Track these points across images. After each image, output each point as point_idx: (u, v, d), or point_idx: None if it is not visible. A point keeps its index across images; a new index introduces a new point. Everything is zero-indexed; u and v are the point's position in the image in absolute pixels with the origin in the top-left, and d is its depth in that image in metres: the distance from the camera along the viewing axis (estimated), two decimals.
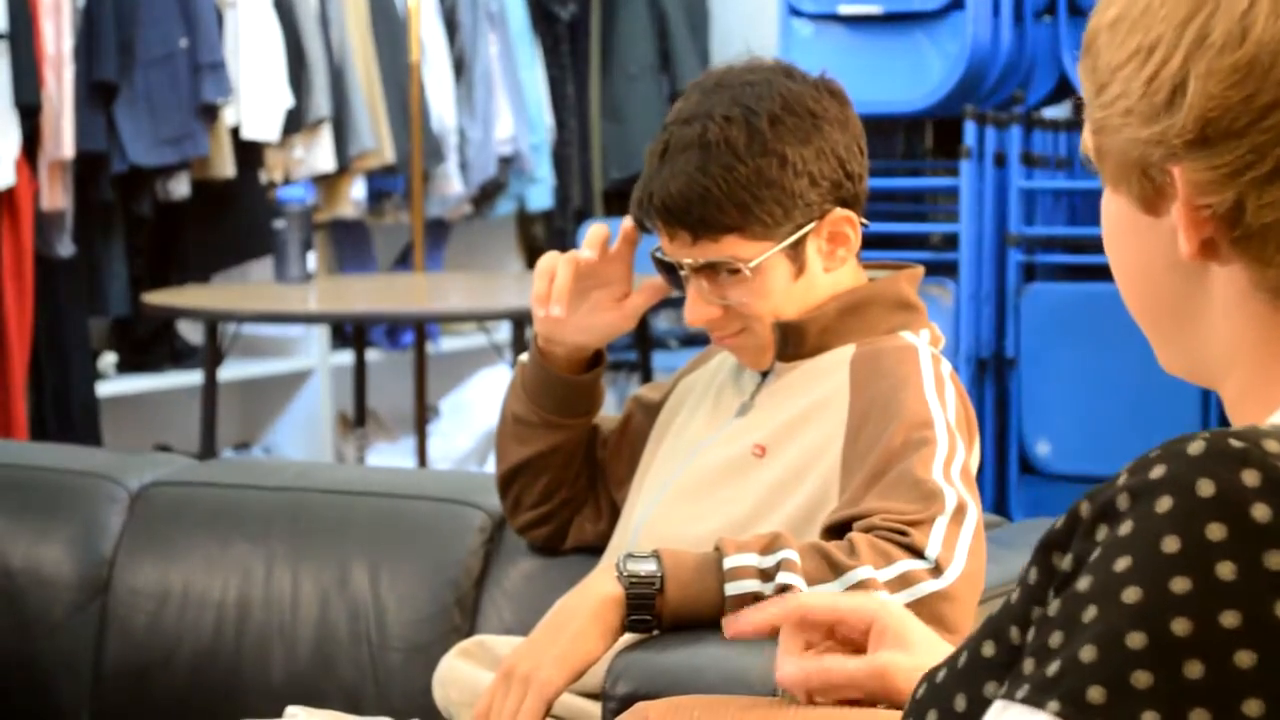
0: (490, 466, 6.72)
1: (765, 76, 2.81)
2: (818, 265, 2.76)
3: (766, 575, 2.43)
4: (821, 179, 2.71)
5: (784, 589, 2.34)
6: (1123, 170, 1.40)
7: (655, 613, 2.47)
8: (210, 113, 6.38)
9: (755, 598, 2.35)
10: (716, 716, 1.86)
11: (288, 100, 6.57)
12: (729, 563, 2.47)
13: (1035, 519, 3.09)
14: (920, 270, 2.99)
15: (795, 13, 6.31)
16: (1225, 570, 1.19)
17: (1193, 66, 1.34)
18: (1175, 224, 1.36)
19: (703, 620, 2.39)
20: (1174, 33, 1.36)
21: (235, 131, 6.49)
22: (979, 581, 2.54)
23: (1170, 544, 1.21)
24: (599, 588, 2.53)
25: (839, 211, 2.74)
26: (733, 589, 2.43)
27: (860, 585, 2.39)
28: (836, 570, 2.42)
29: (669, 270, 2.79)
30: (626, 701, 1.97)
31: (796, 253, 2.72)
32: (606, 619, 2.43)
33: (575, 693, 2.61)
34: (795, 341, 2.88)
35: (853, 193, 2.81)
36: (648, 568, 2.49)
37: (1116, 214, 1.43)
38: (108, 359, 6.54)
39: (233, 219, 6.59)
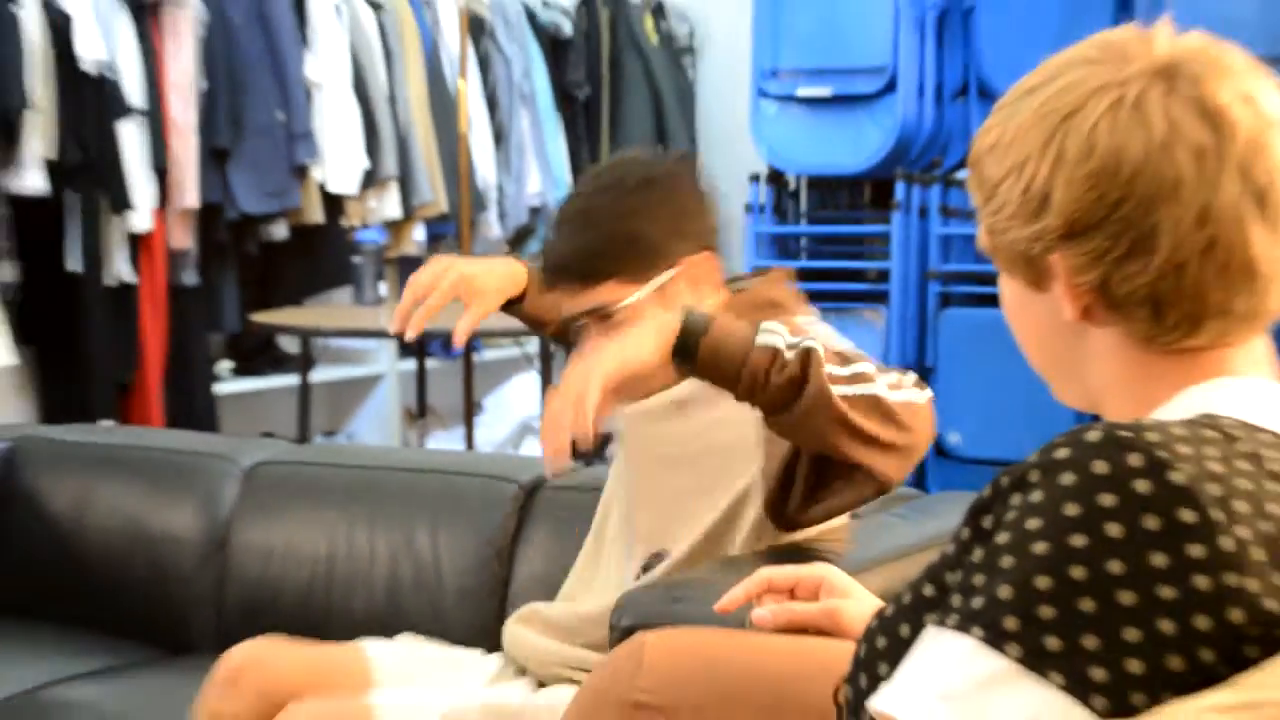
0: (524, 450, 6.74)
1: (633, 157, 2.76)
2: (685, 299, 2.60)
3: (791, 345, 2.36)
4: (678, 232, 2.62)
5: (806, 352, 2.33)
6: (1012, 260, 1.46)
7: (696, 343, 2.37)
8: (302, 172, 6.37)
9: (776, 354, 2.32)
10: (704, 642, 1.87)
11: (364, 162, 6.56)
12: (765, 325, 2.39)
13: (947, 492, 3.10)
14: (783, 271, 2.93)
15: (763, 94, 6.31)
16: (1113, 530, 1.23)
17: (1055, 178, 1.41)
18: (1058, 297, 1.41)
19: (733, 361, 2.34)
20: (1038, 152, 1.42)
21: (322, 186, 6.48)
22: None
23: (1071, 509, 1.24)
24: (664, 318, 2.43)
25: (699, 255, 2.64)
26: (762, 340, 2.35)
27: (860, 377, 2.42)
28: (845, 361, 2.42)
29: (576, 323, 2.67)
30: (628, 632, 1.96)
31: (664, 294, 2.60)
32: (663, 334, 2.33)
33: (577, 645, 2.56)
34: None
35: (708, 240, 2.69)
36: (701, 312, 2.42)
37: (1011, 293, 1.50)
38: (223, 365, 6.54)
39: (320, 255, 6.58)
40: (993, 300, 1.54)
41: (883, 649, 1.44)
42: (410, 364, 6.99)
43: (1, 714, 2.92)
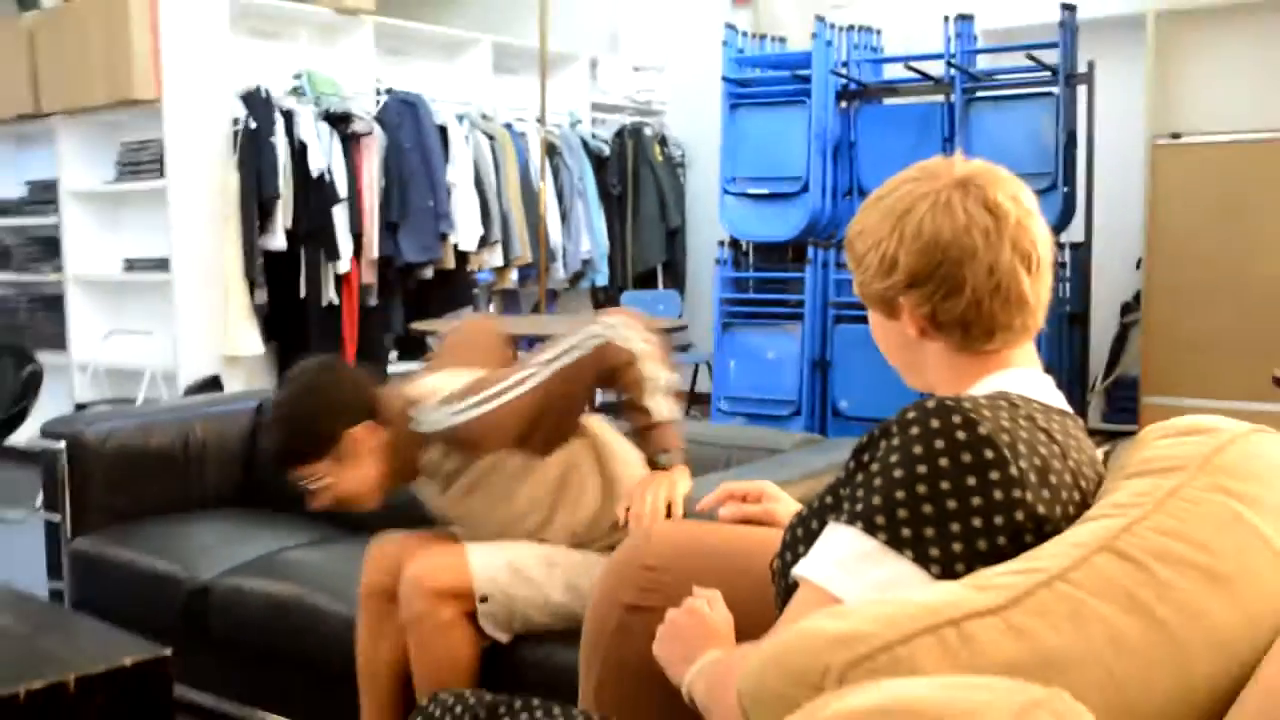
0: None
1: (302, 372, 2.45)
2: (359, 457, 2.39)
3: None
4: (338, 418, 2.36)
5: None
6: (874, 300, 1.48)
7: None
8: (443, 237, 6.37)
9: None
10: (690, 528, 1.86)
11: (480, 230, 6.57)
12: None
13: (840, 438, 3.09)
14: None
15: (727, 192, 6.30)
16: (943, 461, 1.23)
17: (899, 250, 1.44)
18: (904, 323, 1.42)
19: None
20: (888, 235, 1.45)
21: (456, 245, 6.47)
22: None
23: (917, 448, 1.24)
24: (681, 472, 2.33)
25: (358, 428, 2.35)
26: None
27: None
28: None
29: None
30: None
31: (343, 459, 2.37)
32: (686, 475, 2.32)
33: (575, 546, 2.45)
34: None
35: (362, 414, 2.38)
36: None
37: (875, 320, 1.52)
38: (393, 355, 6.53)
39: (453, 288, 6.59)
40: (865, 319, 1.54)
41: (800, 536, 1.44)
42: None
43: (259, 566, 2.91)
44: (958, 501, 1.24)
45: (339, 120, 5.97)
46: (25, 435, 5.74)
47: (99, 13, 5.65)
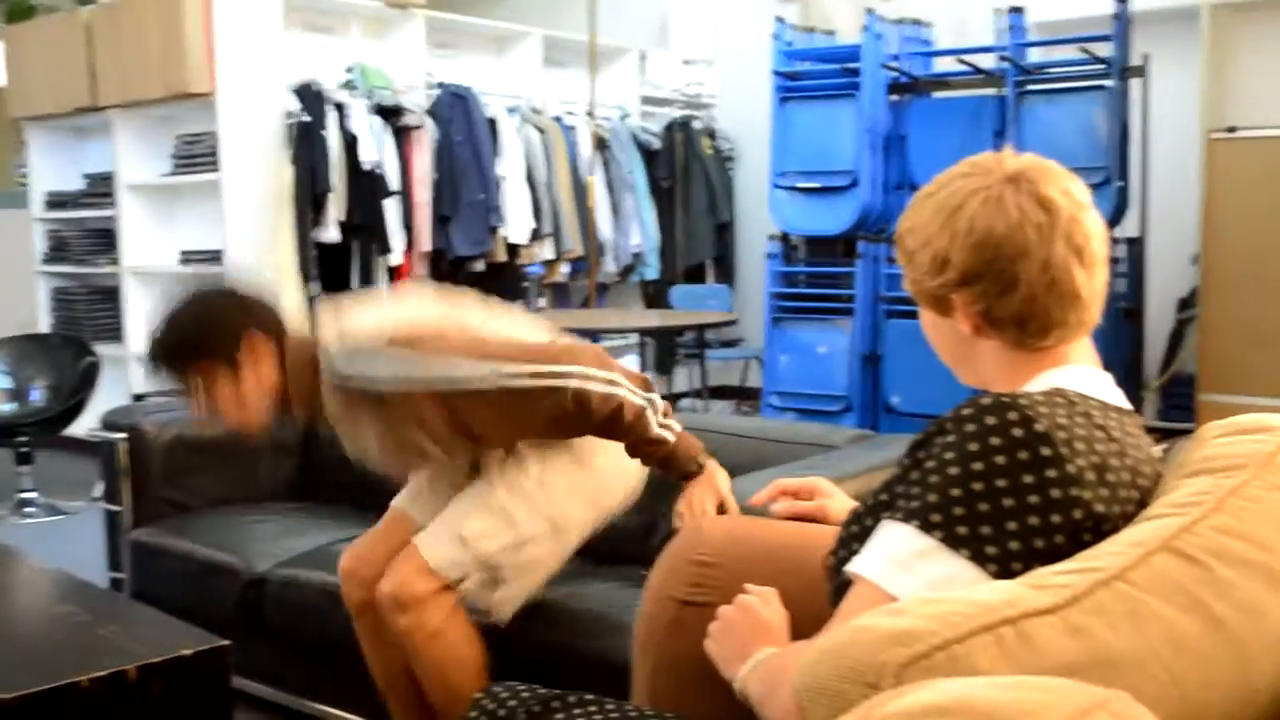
0: None
1: (217, 285, 2.43)
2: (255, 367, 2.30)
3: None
4: (244, 322, 2.29)
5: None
6: (926, 298, 1.47)
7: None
8: (494, 230, 6.39)
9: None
10: (743, 523, 1.86)
11: (531, 224, 6.59)
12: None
13: (892, 434, 3.07)
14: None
15: (777, 186, 6.28)
16: (999, 459, 1.23)
17: (952, 248, 1.41)
18: (957, 320, 1.41)
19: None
20: (938, 233, 1.43)
21: (506, 239, 6.50)
22: None
23: (972, 445, 1.24)
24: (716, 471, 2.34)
25: (265, 339, 2.30)
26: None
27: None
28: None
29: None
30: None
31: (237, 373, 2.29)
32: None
33: None
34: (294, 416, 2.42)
35: (273, 327, 2.32)
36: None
37: (927, 318, 1.51)
38: None
39: (504, 281, 6.60)
40: (917, 314, 1.54)
41: (855, 533, 1.44)
42: None
43: (315, 558, 2.94)
44: (1015, 500, 1.24)
45: (390, 113, 6.01)
46: (83, 426, 5.82)
47: (154, 7, 5.71)
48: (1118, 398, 1.42)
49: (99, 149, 6.56)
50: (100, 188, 6.49)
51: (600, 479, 2.44)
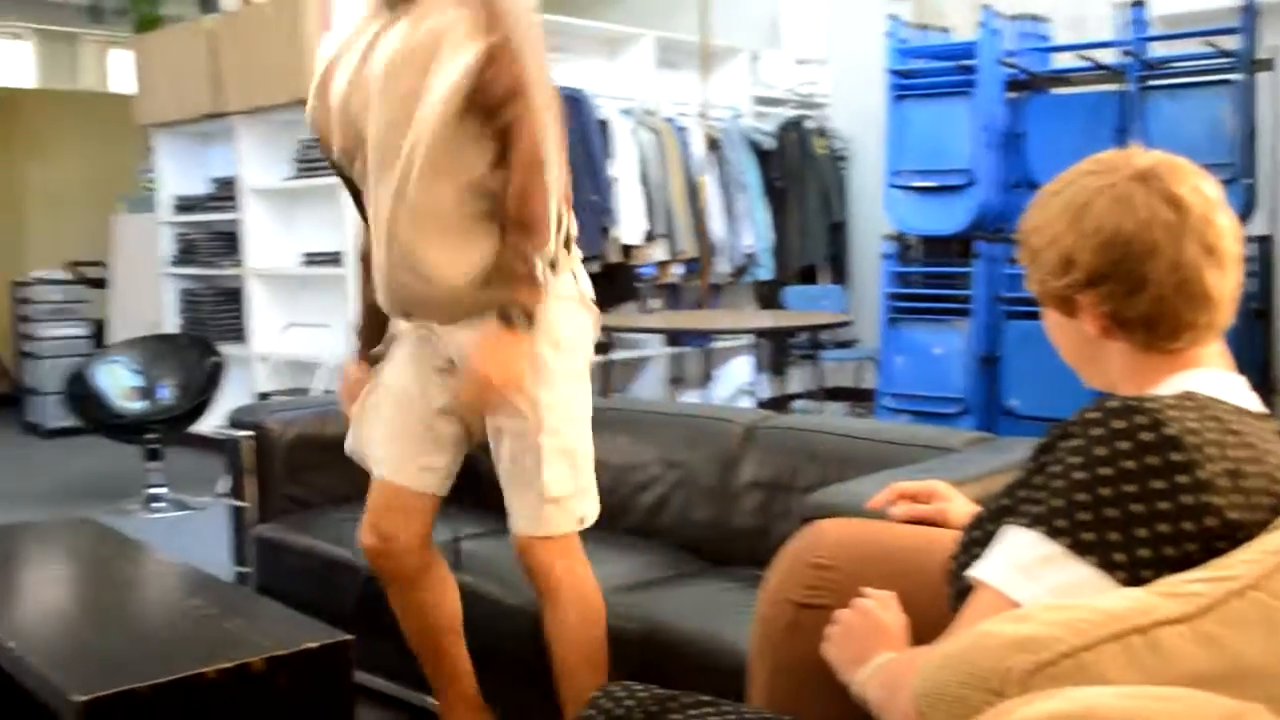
0: (741, 404, 6.75)
1: None
2: None
3: None
4: None
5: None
6: (1051, 298, 1.45)
7: None
8: (606, 231, 6.42)
9: None
10: (861, 525, 1.84)
11: (644, 225, 6.60)
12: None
13: (1011, 437, 3.03)
14: None
15: (892, 185, 6.24)
16: (1128, 464, 1.20)
17: (1078, 247, 1.38)
18: (1083, 321, 1.39)
19: None
20: (1065, 231, 1.41)
21: (619, 240, 6.52)
22: None
23: (1100, 450, 1.22)
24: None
25: None
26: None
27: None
28: None
29: None
30: (808, 520, 1.93)
31: None
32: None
33: None
34: None
35: None
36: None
37: (1051, 319, 1.49)
38: None
39: (618, 282, 6.62)
40: (1037, 315, 1.52)
41: (977, 538, 1.42)
42: (671, 350, 7.03)
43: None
44: (1144, 505, 1.21)
45: None
46: (209, 424, 5.99)
47: (275, 14, 5.83)
48: (1252, 402, 1.39)
49: (223, 154, 6.73)
50: (225, 192, 6.66)
51: (574, 344, 2.37)
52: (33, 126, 9.02)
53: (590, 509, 2.38)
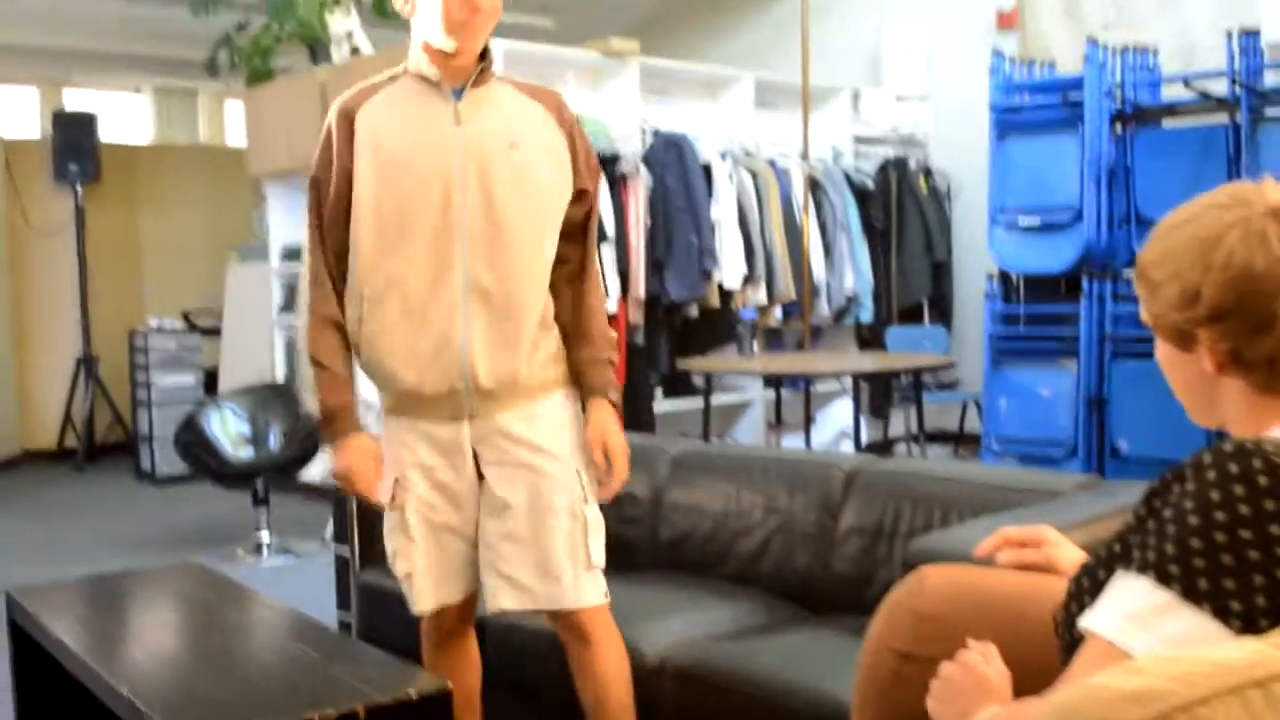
0: (842, 448, 6.69)
1: None
2: None
3: None
4: None
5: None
6: (1168, 332, 1.40)
7: None
8: (707, 274, 6.41)
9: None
10: (966, 573, 1.80)
11: (744, 268, 6.59)
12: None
13: (1120, 481, 2.95)
14: None
15: (995, 223, 6.17)
16: (1243, 508, 1.17)
17: (1204, 282, 1.33)
18: (1200, 357, 1.35)
19: None
20: (1189, 266, 1.37)
21: (720, 283, 6.52)
22: None
23: (1214, 494, 1.18)
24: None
25: None
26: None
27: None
28: None
29: None
30: (911, 566, 1.90)
31: None
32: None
33: None
34: (489, 63, 2.34)
35: None
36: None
37: (1165, 352, 1.45)
38: (659, 393, 6.60)
39: (717, 326, 6.62)
40: (1147, 354, 1.48)
41: (1087, 586, 1.38)
42: (771, 393, 6.99)
43: None
44: (1261, 552, 1.17)
45: (606, 162, 6.11)
46: (316, 471, 6.08)
47: (384, 64, 5.91)
48: None
49: None
50: None
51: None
52: (150, 179, 9.29)
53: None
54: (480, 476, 2.39)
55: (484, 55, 2.34)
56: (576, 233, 2.43)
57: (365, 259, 2.31)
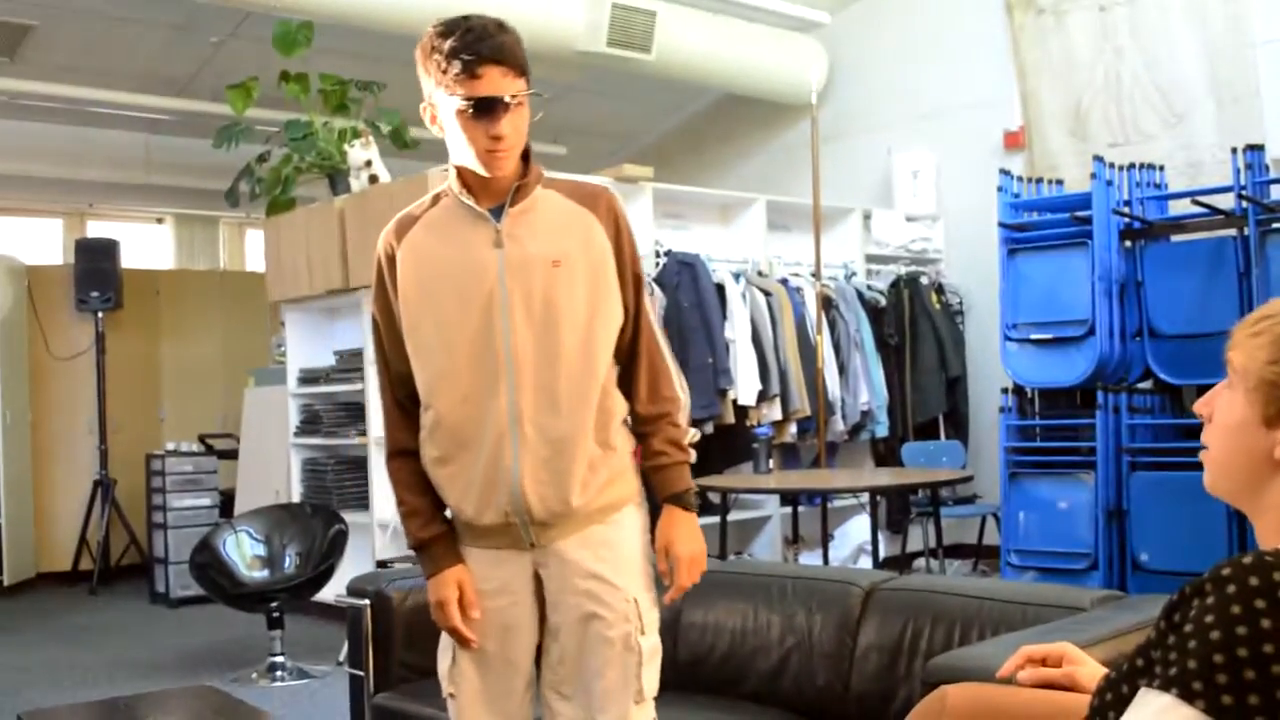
0: (860, 565, 6.62)
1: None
2: None
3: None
4: None
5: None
6: (1263, 397, 1.35)
7: None
8: (722, 392, 6.43)
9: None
10: (987, 691, 1.78)
11: (759, 385, 6.60)
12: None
13: (1142, 596, 2.91)
14: None
15: (1008, 339, 6.18)
16: (1265, 623, 1.15)
17: None
18: (1276, 438, 1.34)
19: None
20: None
21: (734, 400, 6.52)
22: None
23: (1235, 609, 1.17)
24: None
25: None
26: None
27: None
28: None
29: (490, 107, 2.15)
30: (933, 686, 1.87)
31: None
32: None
33: None
34: (532, 176, 2.28)
35: None
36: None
37: (1239, 413, 1.38)
38: None
39: (733, 443, 6.61)
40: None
41: (1110, 701, 1.36)
42: (787, 509, 6.95)
43: None
44: None
45: None
46: (331, 591, 6.03)
47: (402, 191, 6.03)
48: None
49: (348, 327, 6.92)
50: (350, 363, 6.82)
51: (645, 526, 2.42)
52: (171, 305, 9.39)
53: None
54: (542, 600, 2.33)
55: (525, 162, 2.30)
56: (628, 327, 2.34)
57: (421, 389, 2.28)
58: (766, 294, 6.84)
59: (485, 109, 2.14)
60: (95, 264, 8.42)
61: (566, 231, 2.26)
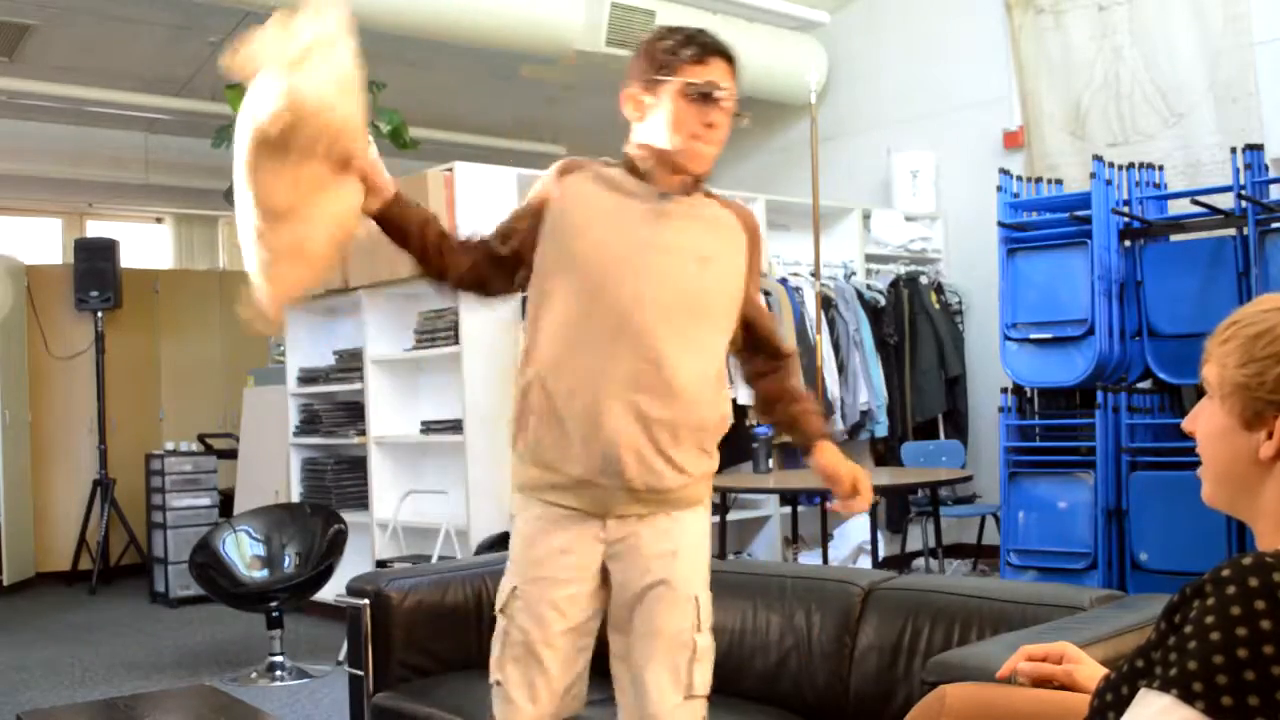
0: (860, 564, 6.61)
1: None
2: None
3: None
4: None
5: None
6: (1242, 403, 1.37)
7: None
8: None
9: None
10: (987, 691, 1.77)
11: None
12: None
13: (1141, 595, 2.91)
14: None
15: (1008, 338, 6.18)
16: (1265, 624, 1.15)
17: None
18: (1259, 439, 1.34)
19: None
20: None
21: (735, 400, 6.50)
22: None
23: (1235, 610, 1.17)
24: None
25: None
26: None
27: None
28: None
29: (709, 98, 2.24)
30: (933, 685, 1.86)
31: None
32: None
33: None
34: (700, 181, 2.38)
35: None
36: None
37: (1219, 422, 1.40)
38: None
39: (732, 442, 6.56)
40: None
41: (1110, 702, 1.36)
42: (787, 509, 6.94)
43: None
44: None
45: None
46: (330, 591, 6.03)
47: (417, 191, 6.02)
48: None
49: (348, 327, 6.93)
50: (349, 363, 6.82)
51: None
52: (170, 304, 9.39)
53: None
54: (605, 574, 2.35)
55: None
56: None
57: (546, 333, 2.32)
58: (766, 293, 6.83)
59: (706, 93, 2.24)
60: (94, 264, 8.42)
61: (715, 231, 2.37)
